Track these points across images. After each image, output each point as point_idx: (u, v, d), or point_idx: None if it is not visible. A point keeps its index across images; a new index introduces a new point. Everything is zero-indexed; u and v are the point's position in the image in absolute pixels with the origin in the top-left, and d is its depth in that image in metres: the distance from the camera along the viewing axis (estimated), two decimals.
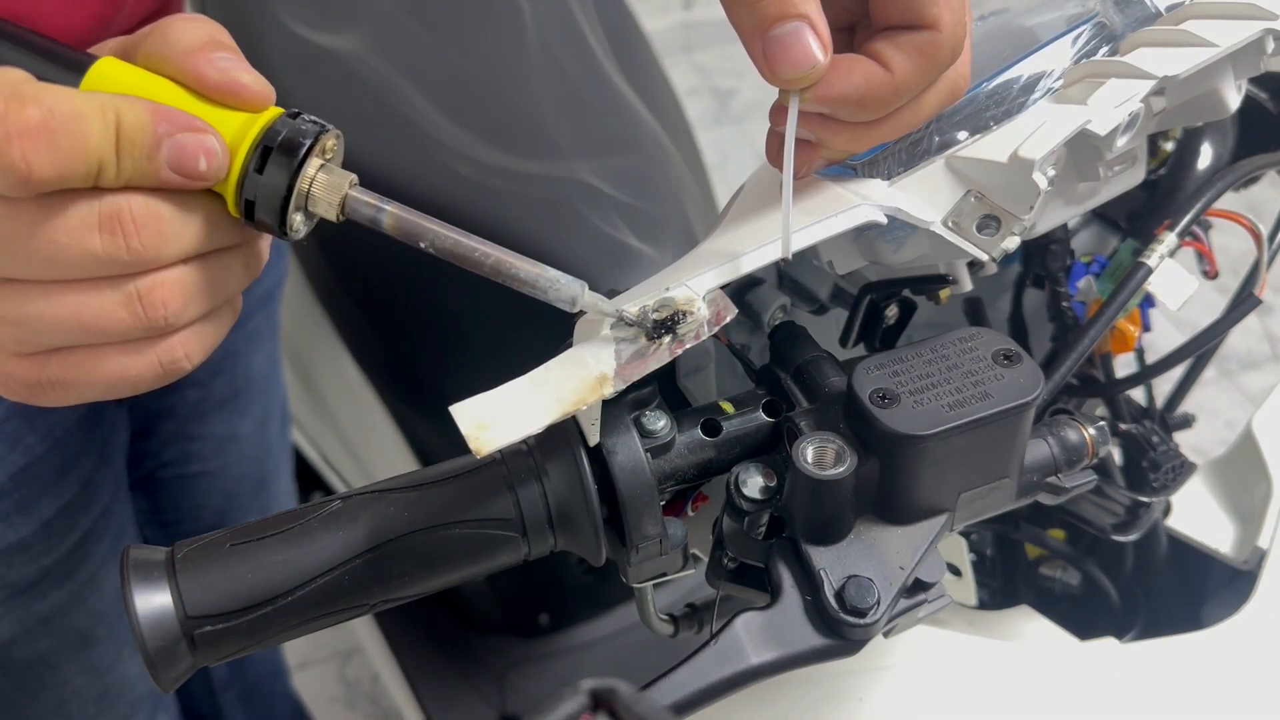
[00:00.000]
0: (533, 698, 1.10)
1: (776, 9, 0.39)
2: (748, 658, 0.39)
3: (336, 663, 1.68)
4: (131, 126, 0.35)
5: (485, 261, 0.38)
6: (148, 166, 0.35)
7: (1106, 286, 0.57)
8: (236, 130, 0.37)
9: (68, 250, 0.35)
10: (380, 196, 0.38)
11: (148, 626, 0.38)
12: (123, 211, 0.35)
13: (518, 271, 0.38)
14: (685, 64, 2.74)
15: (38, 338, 0.37)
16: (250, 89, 0.37)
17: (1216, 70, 0.48)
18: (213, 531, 0.41)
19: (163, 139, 0.35)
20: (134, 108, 0.35)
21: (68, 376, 0.38)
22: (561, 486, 0.42)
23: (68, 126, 0.34)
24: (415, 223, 0.38)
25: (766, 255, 0.41)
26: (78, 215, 0.35)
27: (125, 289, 0.36)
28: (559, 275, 0.38)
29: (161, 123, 0.35)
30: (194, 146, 0.36)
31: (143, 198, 0.36)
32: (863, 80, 0.40)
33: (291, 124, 0.37)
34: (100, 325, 0.36)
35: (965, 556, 0.63)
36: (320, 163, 0.38)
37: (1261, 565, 0.59)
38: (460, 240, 0.38)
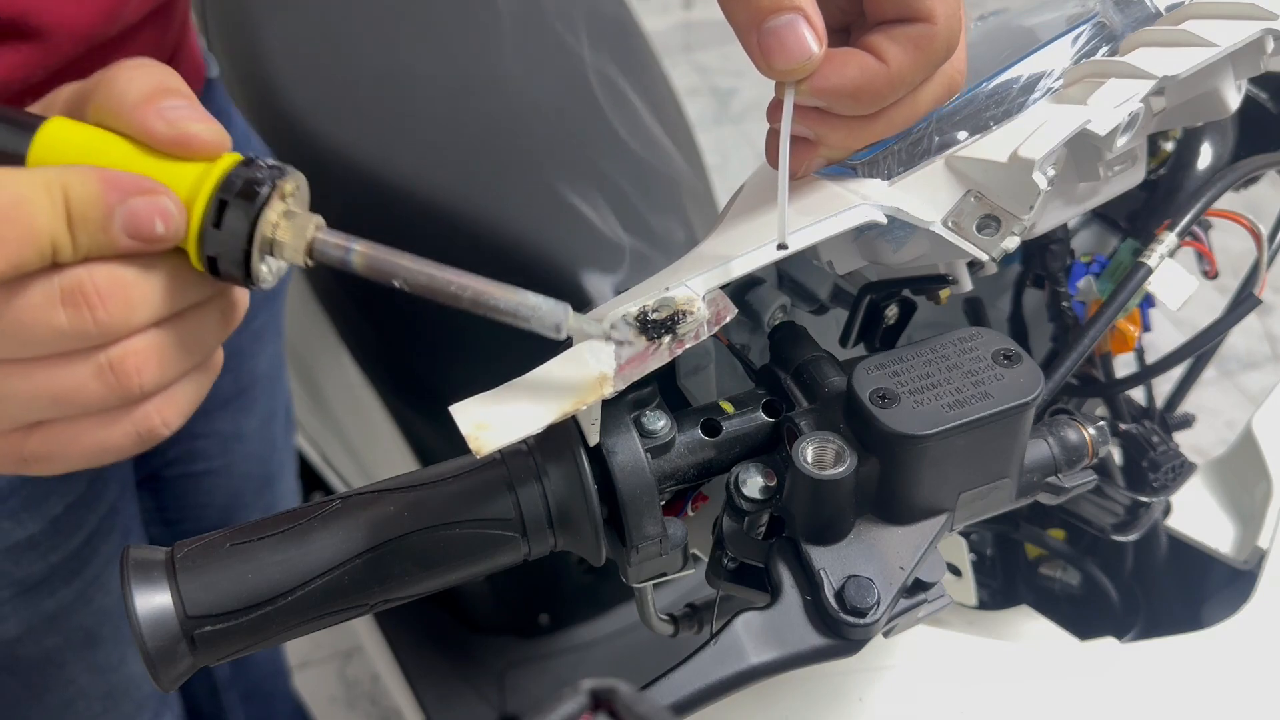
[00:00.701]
0: (533, 698, 1.10)
1: (771, 1, 0.39)
2: (748, 658, 0.39)
3: (336, 663, 1.68)
4: (81, 200, 0.34)
5: (463, 295, 0.36)
6: (103, 238, 0.34)
7: (1106, 286, 0.57)
8: (192, 184, 0.36)
9: (34, 329, 0.34)
10: (348, 236, 0.37)
11: (147, 626, 0.38)
12: (84, 284, 0.34)
13: (497, 302, 0.36)
14: (685, 64, 2.74)
15: (15, 414, 0.36)
16: (200, 138, 0.36)
17: (1216, 70, 0.48)
18: (213, 531, 0.41)
19: (115, 208, 0.34)
20: (81, 180, 0.34)
21: (49, 450, 0.37)
22: (561, 486, 0.42)
23: (12, 214, 0.33)
24: (387, 261, 0.36)
25: (766, 255, 0.41)
26: (40, 294, 0.34)
27: (96, 360, 0.35)
28: (540, 302, 0.37)
29: (111, 192, 0.34)
30: (148, 211, 0.35)
31: (104, 267, 0.35)
32: (858, 72, 0.40)
33: (246, 171, 0.36)
34: (74, 398, 0.36)
35: (965, 556, 0.63)
36: (283, 208, 0.36)
37: (1261, 565, 0.59)
38: (435, 275, 0.36)
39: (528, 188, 0.97)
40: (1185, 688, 0.52)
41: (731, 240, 0.43)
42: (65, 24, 0.54)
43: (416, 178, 0.95)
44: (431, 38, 1.04)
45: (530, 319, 0.37)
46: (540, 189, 0.97)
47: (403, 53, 1.03)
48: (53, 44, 0.54)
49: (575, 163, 0.99)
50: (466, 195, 0.95)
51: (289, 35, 1.05)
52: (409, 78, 1.02)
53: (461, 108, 1.00)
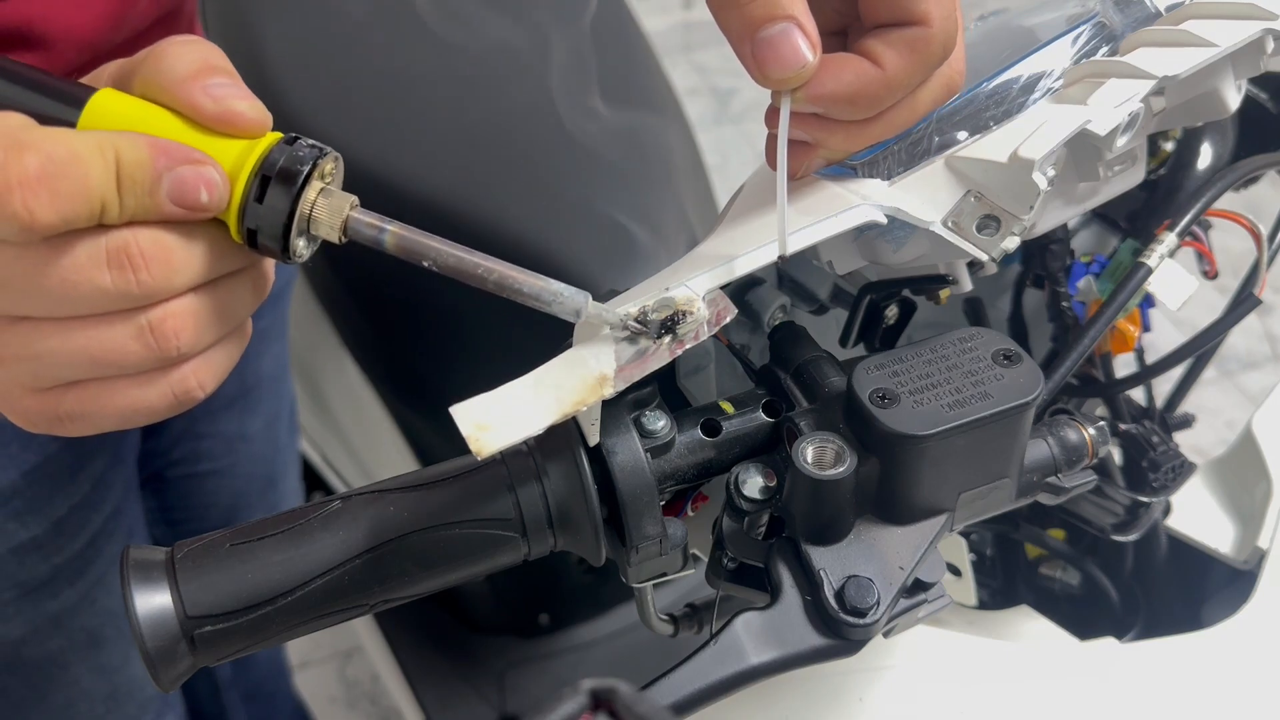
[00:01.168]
0: (533, 698, 1.10)
1: (764, 11, 0.39)
2: (748, 658, 0.39)
3: (336, 663, 1.68)
4: (131, 164, 0.35)
5: (489, 278, 0.38)
6: (150, 202, 0.35)
7: (1106, 286, 0.57)
8: (235, 158, 0.37)
9: (78, 288, 0.35)
10: (381, 217, 0.38)
11: (147, 626, 0.38)
12: (130, 246, 0.35)
13: (521, 286, 0.38)
14: (685, 64, 2.74)
15: (53, 372, 0.37)
16: (245, 116, 0.37)
17: (1216, 70, 0.48)
18: (213, 531, 0.41)
19: (163, 174, 0.35)
20: (133, 144, 0.35)
21: (84, 409, 0.38)
22: (561, 486, 0.42)
23: (67, 171, 0.34)
24: (418, 241, 0.38)
25: (766, 255, 0.41)
26: (86, 253, 0.35)
27: (137, 321, 0.36)
28: (562, 288, 0.38)
29: (161, 157, 0.35)
30: (194, 179, 0.36)
31: (149, 231, 0.36)
32: (854, 78, 0.40)
33: (289, 150, 0.37)
34: (113, 359, 0.37)
35: (965, 556, 0.63)
36: (320, 186, 0.38)
37: (1261, 565, 0.59)
38: (463, 257, 0.38)
39: (527, 188, 0.97)
40: (1185, 688, 0.52)
41: (731, 240, 0.43)
42: (70, 32, 0.54)
43: (416, 178, 0.95)
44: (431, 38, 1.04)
45: (552, 303, 0.38)
46: (540, 189, 0.97)
47: (403, 53, 1.03)
48: (57, 52, 0.54)
49: (574, 163, 0.99)
50: (466, 195, 0.95)
51: (289, 35, 1.05)
52: (409, 78, 1.02)
53: (461, 108, 1.00)
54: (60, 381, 0.38)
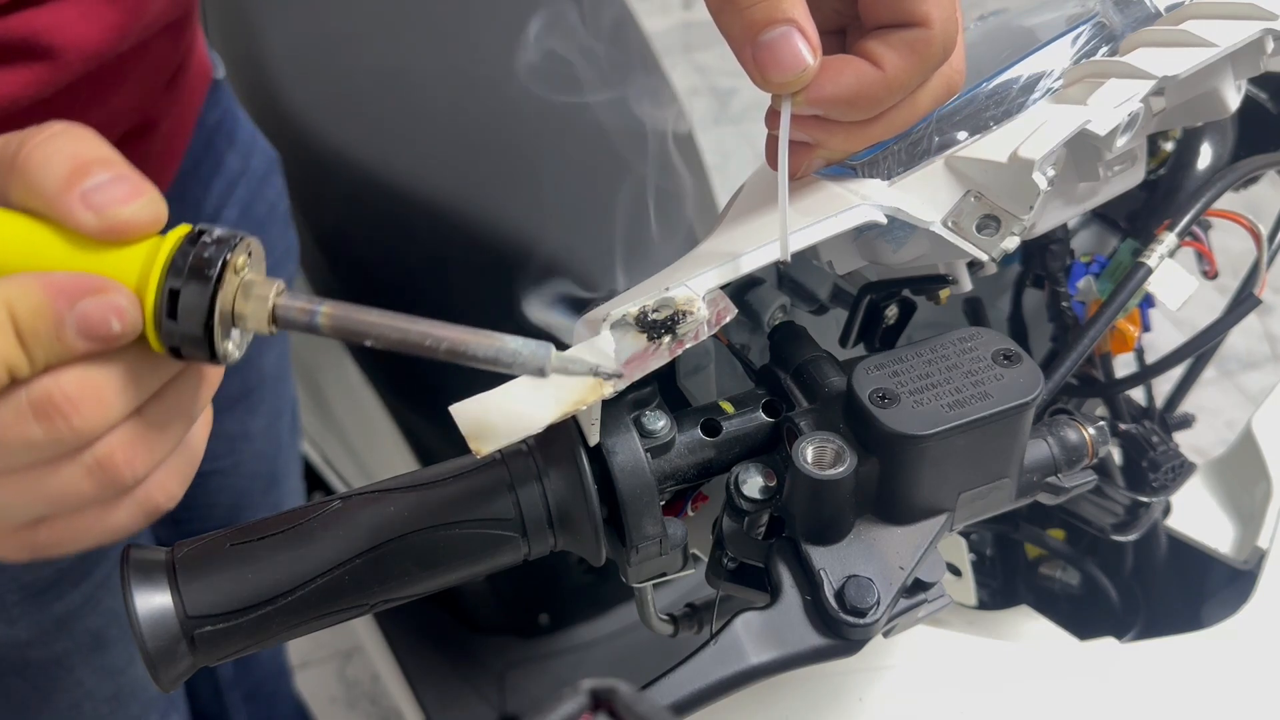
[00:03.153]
0: (533, 698, 1.10)
1: (764, 14, 0.38)
2: (748, 658, 0.39)
3: (336, 663, 1.68)
4: (28, 314, 0.32)
5: (439, 348, 0.35)
6: (59, 347, 0.33)
7: (1106, 286, 0.57)
8: (139, 269, 0.34)
9: (11, 445, 0.33)
10: (311, 298, 0.35)
11: (148, 626, 0.38)
12: (52, 394, 0.33)
13: (474, 351, 0.35)
14: (685, 64, 2.74)
15: (15, 516, 0.35)
16: (134, 223, 0.34)
17: (1216, 70, 0.48)
18: (212, 532, 0.41)
19: (64, 314, 0.32)
20: (23, 291, 0.32)
21: (58, 539, 0.36)
22: (561, 486, 0.42)
23: None
24: (354, 320, 0.35)
25: (766, 255, 0.41)
26: (9, 411, 0.33)
27: (83, 461, 0.34)
28: (520, 346, 0.35)
29: (58, 299, 0.32)
30: (100, 312, 0.33)
31: (69, 372, 0.33)
32: (854, 80, 0.40)
33: (193, 250, 0.34)
34: (69, 499, 0.35)
35: (965, 556, 0.63)
36: (238, 281, 0.34)
37: (1261, 565, 0.59)
38: (408, 329, 0.35)
39: (527, 187, 0.97)
40: (1185, 688, 0.52)
41: (731, 240, 0.43)
42: (77, 43, 0.54)
43: (416, 178, 0.95)
44: (431, 38, 1.04)
45: (513, 365, 0.35)
46: (539, 188, 0.97)
47: (403, 53, 1.03)
48: (64, 62, 0.54)
49: (574, 162, 0.99)
50: (466, 195, 0.95)
51: (289, 35, 1.05)
52: (409, 78, 1.02)
53: (461, 108, 1.00)
54: (27, 520, 0.36)
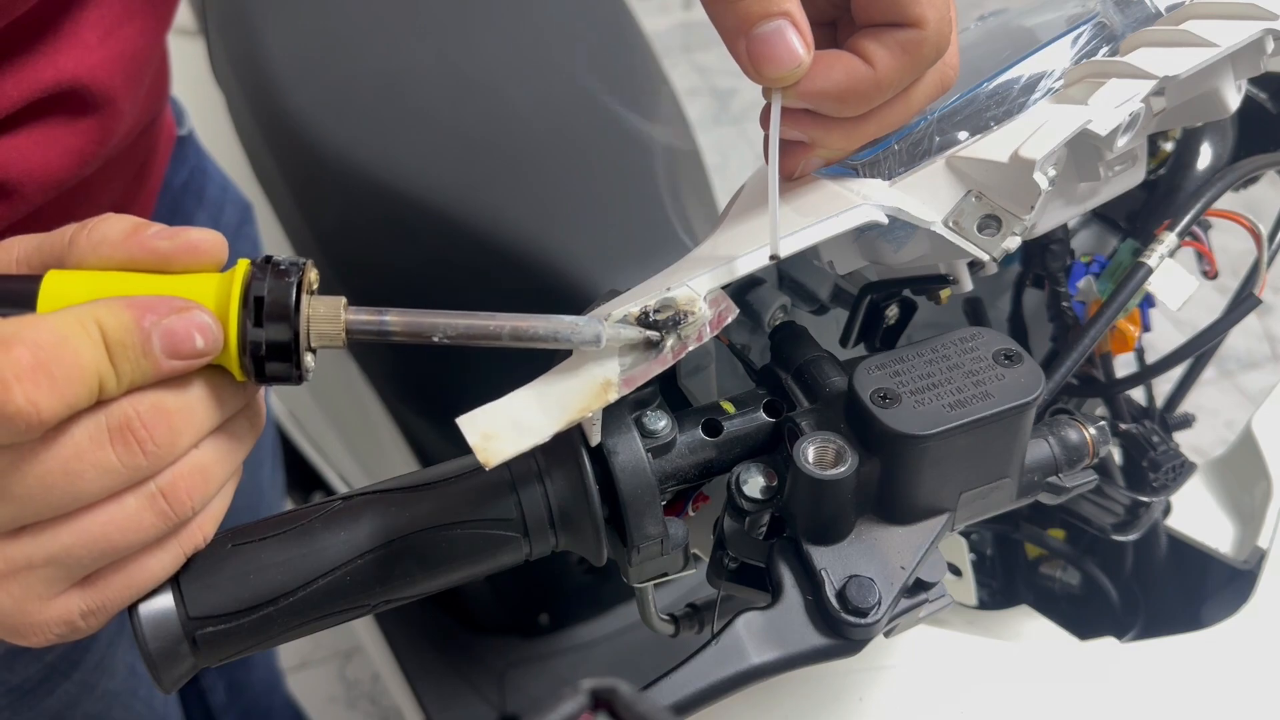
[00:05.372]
0: (533, 698, 1.10)
1: (759, 7, 0.39)
2: (749, 658, 0.39)
3: (336, 663, 1.68)
4: (117, 329, 0.33)
5: (502, 334, 0.37)
6: (146, 364, 0.33)
7: (1106, 286, 0.57)
8: (215, 294, 0.35)
9: (84, 475, 0.33)
10: (375, 309, 0.37)
11: (149, 627, 0.38)
12: (131, 419, 0.33)
13: (538, 330, 0.37)
14: (685, 64, 2.74)
15: (70, 573, 0.35)
16: (206, 242, 0.35)
17: (1216, 70, 0.48)
18: None
19: (151, 331, 0.33)
20: (112, 310, 0.33)
21: (102, 600, 0.36)
22: (563, 487, 0.42)
23: (60, 355, 0.32)
24: (422, 322, 0.37)
25: (767, 256, 0.41)
26: (87, 435, 0.33)
27: (148, 491, 0.35)
28: (575, 321, 0.37)
29: (145, 315, 0.33)
30: (185, 327, 0.34)
31: (147, 396, 0.34)
32: (844, 76, 0.40)
33: (269, 269, 0.35)
34: (131, 537, 0.35)
35: (965, 556, 0.63)
36: (310, 297, 0.36)
37: (1261, 565, 0.59)
38: (473, 323, 0.37)
39: (528, 187, 0.97)
40: (1185, 688, 0.52)
41: (732, 241, 0.43)
42: (35, 176, 0.53)
43: (416, 178, 0.95)
44: (432, 38, 1.04)
45: (572, 338, 0.37)
46: (540, 189, 0.97)
47: (403, 53, 1.03)
48: (20, 197, 0.52)
49: (575, 163, 0.99)
50: (466, 195, 0.95)
51: (289, 35, 1.05)
52: (409, 78, 1.02)
53: (461, 108, 1.00)
54: (79, 578, 0.35)
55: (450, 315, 0.37)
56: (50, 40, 0.51)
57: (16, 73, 0.50)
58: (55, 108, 0.53)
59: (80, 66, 0.53)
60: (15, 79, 0.50)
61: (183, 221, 0.79)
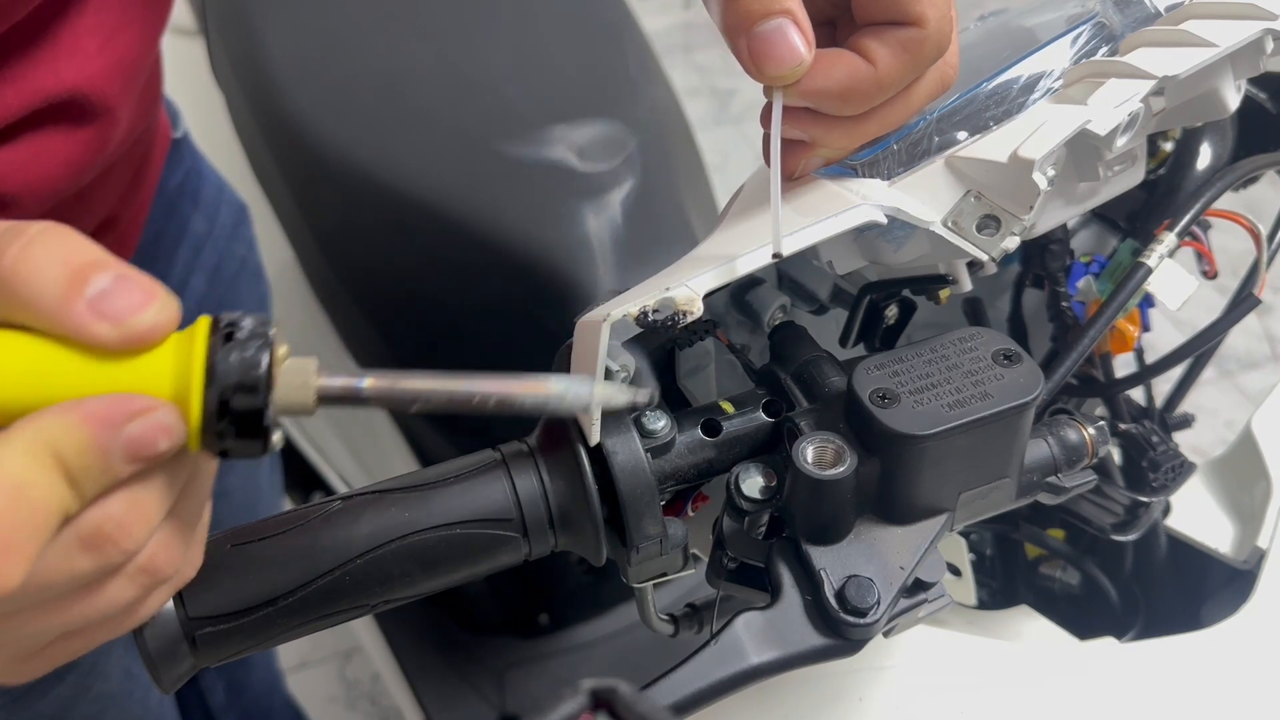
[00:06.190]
0: (533, 698, 1.10)
1: (760, 6, 0.38)
2: (748, 658, 0.39)
3: (336, 663, 1.68)
4: (75, 454, 0.30)
5: (488, 404, 0.34)
6: (107, 479, 0.31)
7: (1106, 286, 0.57)
8: (171, 373, 0.31)
9: (55, 585, 0.31)
10: (350, 373, 0.33)
11: (149, 627, 0.38)
12: (103, 526, 0.31)
13: (525, 401, 0.34)
14: (685, 64, 2.74)
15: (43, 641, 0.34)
16: (156, 329, 0.31)
17: (1216, 70, 0.48)
18: (213, 533, 0.41)
19: (112, 446, 0.30)
20: (65, 429, 0.30)
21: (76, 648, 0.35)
22: (562, 487, 0.42)
23: (18, 515, 0.29)
24: (400, 388, 0.33)
25: (767, 255, 0.41)
26: (57, 555, 0.31)
27: (127, 573, 0.33)
28: (565, 389, 0.34)
29: (103, 432, 0.30)
30: (150, 434, 0.31)
31: (115, 498, 0.31)
32: (845, 75, 0.40)
33: (234, 350, 0.31)
34: (107, 611, 0.33)
35: (965, 556, 0.63)
36: (281, 368, 0.32)
37: (1261, 565, 0.59)
38: (455, 389, 0.33)
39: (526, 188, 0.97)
40: (1185, 688, 0.52)
41: (731, 241, 0.43)
42: (32, 187, 0.51)
43: (416, 178, 0.95)
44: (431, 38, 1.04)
45: (560, 406, 0.35)
46: (540, 189, 0.97)
47: (403, 53, 1.03)
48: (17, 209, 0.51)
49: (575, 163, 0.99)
50: (467, 195, 0.95)
51: (289, 35, 1.05)
52: (409, 78, 1.02)
53: (461, 108, 1.00)
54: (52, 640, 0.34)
55: (432, 380, 0.33)
56: (50, 48, 0.50)
57: (17, 81, 0.49)
58: (54, 117, 0.52)
59: (81, 75, 0.51)
60: (16, 88, 0.49)
61: (177, 226, 0.79)
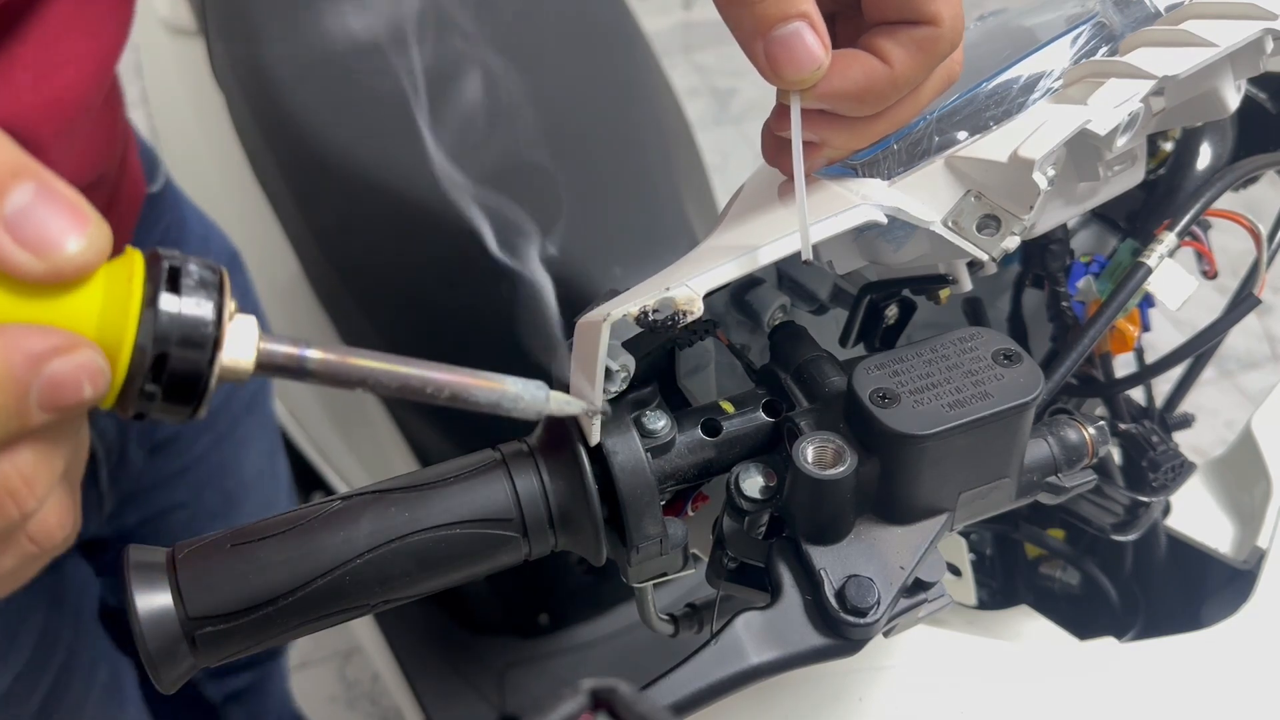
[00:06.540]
0: (533, 698, 1.10)
1: (776, 10, 0.38)
2: (748, 657, 0.39)
3: (336, 663, 1.68)
4: None
5: (441, 394, 0.32)
6: (16, 425, 0.26)
7: (1106, 286, 0.57)
8: (101, 307, 0.27)
9: None
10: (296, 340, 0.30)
11: (148, 627, 0.38)
12: (8, 480, 0.27)
13: (478, 397, 0.33)
14: (685, 64, 2.74)
15: None
16: (85, 264, 0.26)
17: (1216, 70, 0.48)
18: (213, 532, 0.41)
19: (30, 384, 0.26)
20: None
21: None
22: (562, 487, 0.42)
23: None
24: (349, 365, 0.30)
25: (767, 255, 0.41)
26: None
27: (18, 541, 0.29)
28: (521, 390, 0.34)
29: (23, 365, 0.25)
30: (74, 375, 0.26)
31: (22, 452, 0.27)
32: (862, 76, 0.40)
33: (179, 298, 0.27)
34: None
35: (965, 556, 0.63)
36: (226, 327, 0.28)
37: (1261, 565, 0.59)
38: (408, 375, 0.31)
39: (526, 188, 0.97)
40: (1185, 688, 0.52)
41: (732, 240, 0.43)
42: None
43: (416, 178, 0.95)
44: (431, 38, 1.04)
45: (512, 410, 0.34)
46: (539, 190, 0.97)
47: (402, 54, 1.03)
48: None
49: (575, 163, 0.99)
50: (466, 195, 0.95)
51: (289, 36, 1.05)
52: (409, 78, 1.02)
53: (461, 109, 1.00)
54: None
55: (385, 361, 0.31)
56: None
57: None
58: None
59: (8, 110, 0.47)
60: None
61: None
